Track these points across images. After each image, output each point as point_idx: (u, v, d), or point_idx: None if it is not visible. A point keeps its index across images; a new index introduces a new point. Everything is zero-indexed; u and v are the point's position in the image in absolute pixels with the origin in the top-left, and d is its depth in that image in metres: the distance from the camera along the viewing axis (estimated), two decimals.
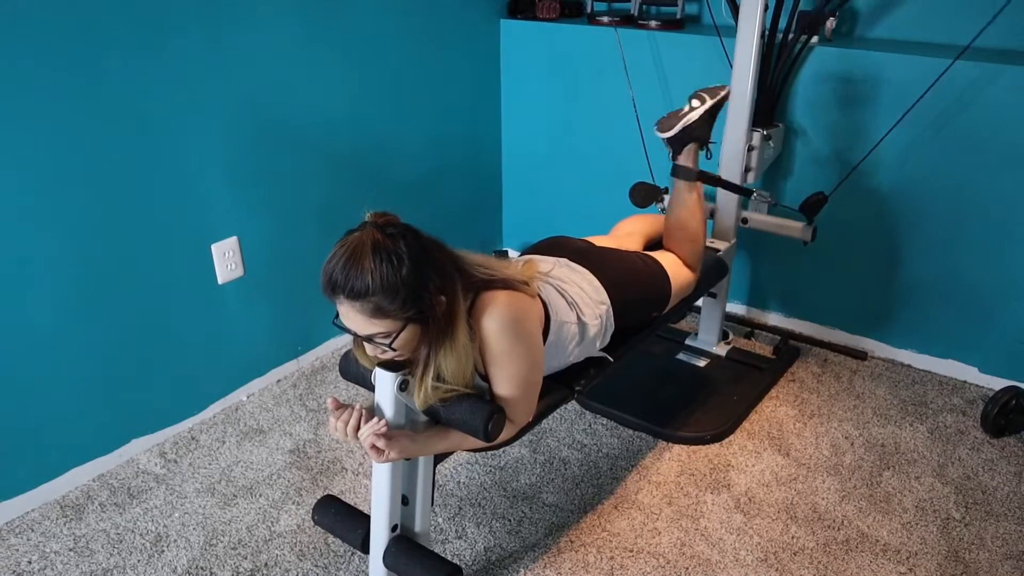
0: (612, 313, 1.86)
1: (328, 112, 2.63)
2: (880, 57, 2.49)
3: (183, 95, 2.21)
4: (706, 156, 2.25)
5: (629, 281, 1.95)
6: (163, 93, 2.17)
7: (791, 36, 2.56)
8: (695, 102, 2.20)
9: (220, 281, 2.46)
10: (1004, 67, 2.34)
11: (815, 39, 2.63)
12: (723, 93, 2.22)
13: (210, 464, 2.34)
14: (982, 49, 2.50)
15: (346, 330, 1.46)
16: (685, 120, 2.17)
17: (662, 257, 2.09)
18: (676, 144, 2.21)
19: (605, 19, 3.00)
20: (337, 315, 1.45)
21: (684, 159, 2.21)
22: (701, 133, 2.20)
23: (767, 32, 2.50)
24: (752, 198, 2.54)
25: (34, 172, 1.96)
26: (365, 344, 1.49)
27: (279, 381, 2.73)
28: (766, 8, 2.39)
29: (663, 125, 2.20)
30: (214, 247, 2.41)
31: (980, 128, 2.42)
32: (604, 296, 1.85)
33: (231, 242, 2.45)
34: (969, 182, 2.49)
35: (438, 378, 1.48)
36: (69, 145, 2.01)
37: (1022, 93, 2.33)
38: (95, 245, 2.13)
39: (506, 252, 3.56)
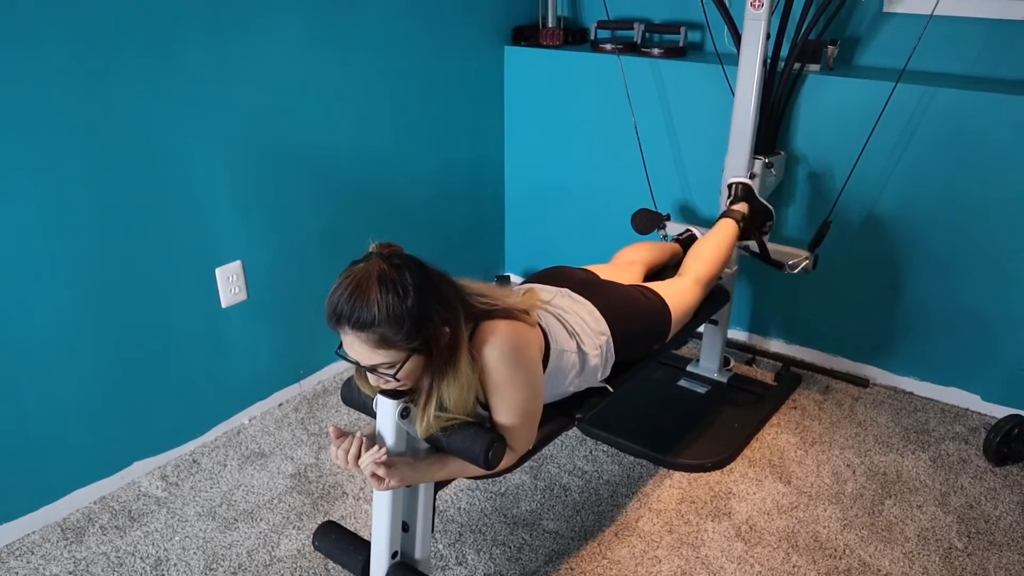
0: (613, 344, 1.87)
1: (333, 137, 2.65)
2: (878, 85, 2.51)
3: (190, 120, 2.24)
4: (742, 229, 2.43)
5: (630, 314, 1.96)
6: (170, 118, 2.19)
7: (793, 64, 2.58)
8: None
9: (224, 305, 2.47)
10: (1008, 97, 2.36)
11: (817, 67, 2.65)
12: (772, 223, 2.54)
13: (211, 487, 2.34)
14: (986, 79, 2.52)
15: (349, 360, 1.47)
16: (755, 190, 2.50)
17: (663, 288, 2.10)
18: (737, 195, 2.48)
19: (608, 47, 3.02)
20: (340, 345, 1.46)
21: (737, 207, 2.45)
22: (756, 204, 2.47)
23: (769, 60, 2.52)
24: (786, 271, 2.55)
25: (40, 195, 1.98)
26: (368, 374, 1.50)
27: (281, 404, 2.74)
28: (768, 36, 2.41)
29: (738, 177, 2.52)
30: (218, 271, 2.43)
31: (980, 158, 2.44)
32: (604, 327, 1.85)
33: (235, 266, 2.47)
34: (969, 211, 2.50)
35: (440, 407, 1.49)
36: (76, 169, 2.03)
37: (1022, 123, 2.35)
38: (100, 267, 2.15)
39: (508, 277, 3.54)
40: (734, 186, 2.50)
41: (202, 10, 2.19)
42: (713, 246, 2.31)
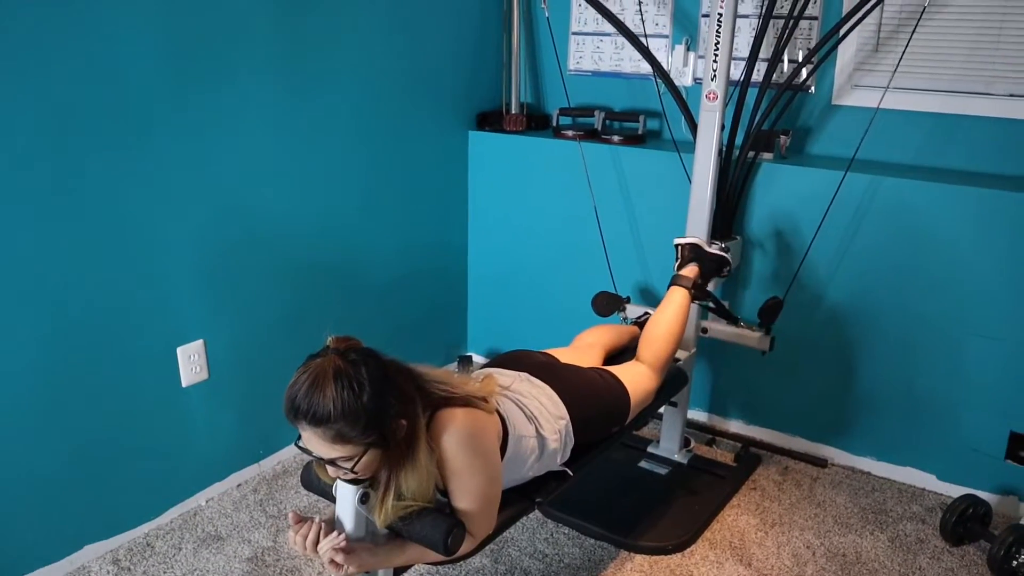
0: (572, 428, 1.88)
1: (299, 219, 2.68)
2: (828, 174, 2.61)
3: (156, 199, 2.26)
4: (693, 295, 2.38)
5: (589, 397, 1.98)
6: (136, 197, 2.22)
7: (747, 153, 2.68)
8: (715, 246, 2.47)
9: (184, 384, 2.45)
10: (951, 187, 2.47)
11: (770, 156, 2.75)
12: (730, 267, 2.49)
13: (165, 572, 2.28)
14: (930, 169, 2.63)
15: (308, 453, 1.48)
16: (701, 242, 2.43)
17: (621, 372, 2.13)
18: (684, 256, 2.43)
19: (570, 133, 3.11)
20: (300, 437, 1.47)
21: (686, 272, 2.39)
22: (707, 266, 2.42)
23: (724, 148, 2.61)
24: (739, 326, 2.62)
25: (1, 269, 1.98)
26: (327, 465, 1.51)
27: (239, 485, 2.69)
28: (723, 127, 2.51)
29: (683, 237, 2.45)
30: (180, 350, 2.42)
31: (928, 243, 2.53)
32: (563, 411, 1.87)
33: (197, 345, 2.46)
34: (920, 294, 2.58)
35: (399, 497, 1.50)
36: (37, 243, 2.04)
37: (967, 211, 2.45)
38: (58, 343, 2.13)
39: (470, 357, 3.58)
40: (681, 247, 2.46)
41: (173, 91, 2.24)
42: (664, 327, 2.28)
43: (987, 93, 2.54)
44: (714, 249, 2.45)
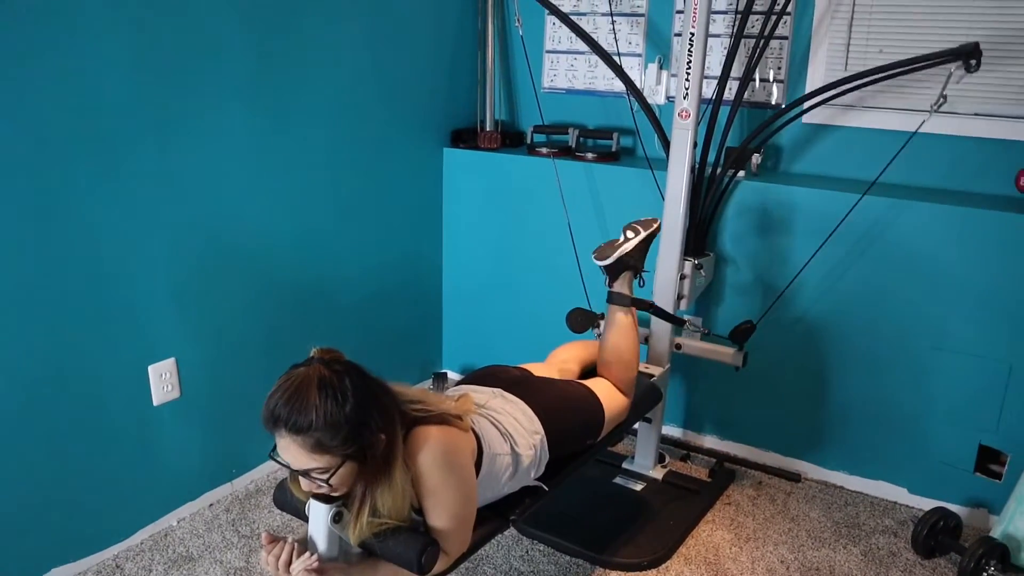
0: (546, 443, 1.89)
1: (272, 236, 2.67)
2: (800, 191, 2.65)
3: (129, 216, 2.24)
4: (639, 284, 2.35)
5: (563, 410, 1.99)
6: (109, 214, 2.20)
7: (719, 170, 2.70)
8: (629, 233, 2.31)
9: (155, 403, 2.43)
10: (917, 203, 2.51)
11: (742, 173, 2.77)
12: (655, 226, 2.36)
13: None
14: (898, 186, 2.67)
15: (283, 464, 1.47)
16: (621, 250, 2.28)
17: (595, 385, 2.14)
18: (612, 272, 2.31)
19: (544, 150, 3.13)
20: (275, 447, 1.46)
21: (619, 286, 2.31)
22: (635, 262, 2.31)
23: (697, 166, 2.64)
24: (684, 327, 2.62)
25: None
26: (301, 479, 1.50)
27: (211, 505, 2.67)
28: (695, 144, 2.53)
29: (600, 253, 2.30)
30: (151, 368, 2.39)
31: (896, 259, 2.57)
32: (538, 426, 1.88)
33: (169, 363, 2.44)
34: (888, 310, 2.61)
35: (374, 513, 1.49)
36: (9, 260, 2.01)
37: (937, 228, 2.49)
38: (26, 360, 2.10)
39: (445, 374, 3.57)
40: (605, 268, 2.30)
41: (146, 108, 2.23)
42: (616, 355, 2.24)
43: (953, 112, 2.58)
44: (634, 239, 2.28)
